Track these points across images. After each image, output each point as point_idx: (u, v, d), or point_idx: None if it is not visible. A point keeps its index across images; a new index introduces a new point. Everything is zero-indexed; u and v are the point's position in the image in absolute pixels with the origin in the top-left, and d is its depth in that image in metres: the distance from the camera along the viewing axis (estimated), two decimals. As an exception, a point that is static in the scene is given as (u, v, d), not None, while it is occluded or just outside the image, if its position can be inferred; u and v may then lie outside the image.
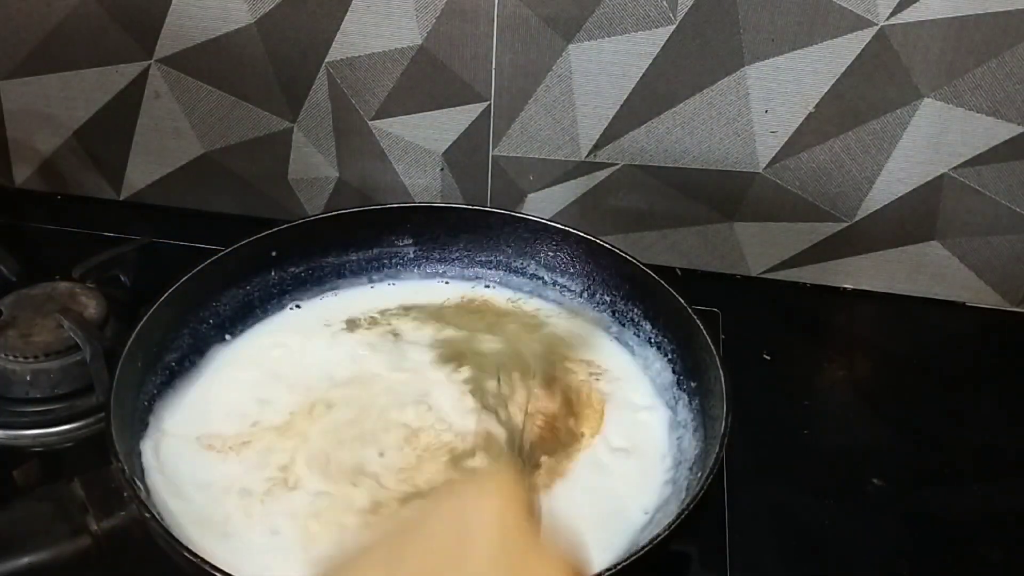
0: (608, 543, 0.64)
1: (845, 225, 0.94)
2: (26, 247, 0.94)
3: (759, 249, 0.97)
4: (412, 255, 0.86)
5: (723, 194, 0.94)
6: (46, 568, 0.58)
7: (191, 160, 1.01)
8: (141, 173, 1.03)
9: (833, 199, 0.93)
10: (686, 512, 0.59)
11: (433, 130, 0.96)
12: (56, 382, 0.79)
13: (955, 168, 0.90)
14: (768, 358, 0.90)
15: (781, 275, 0.98)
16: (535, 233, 0.84)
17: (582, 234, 0.83)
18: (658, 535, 0.58)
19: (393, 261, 0.86)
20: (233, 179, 1.02)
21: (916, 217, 0.93)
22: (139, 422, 0.69)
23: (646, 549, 0.57)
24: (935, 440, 0.83)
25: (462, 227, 0.85)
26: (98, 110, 1.00)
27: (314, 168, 1.00)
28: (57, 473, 0.68)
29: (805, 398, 0.87)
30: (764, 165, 0.92)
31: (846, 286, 0.98)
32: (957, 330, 0.96)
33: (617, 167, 0.94)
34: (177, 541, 0.55)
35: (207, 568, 0.54)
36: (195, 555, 0.55)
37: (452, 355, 0.78)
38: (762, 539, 0.74)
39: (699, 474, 0.66)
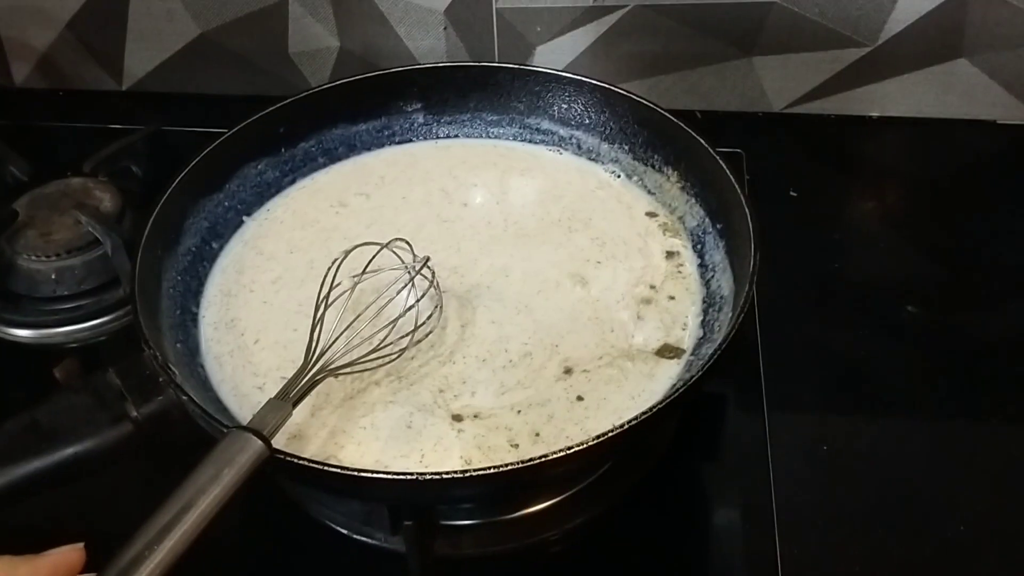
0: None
1: (868, 49, 0.91)
2: (34, 146, 0.93)
3: (780, 83, 0.94)
4: (422, 120, 0.84)
5: (739, 28, 0.91)
6: (93, 456, 0.59)
7: (188, 42, 0.99)
8: (140, 60, 1.01)
9: (854, 23, 0.89)
10: (720, 351, 0.59)
11: (433, -13, 0.92)
12: (81, 278, 0.79)
13: (982, -22, 0.85)
14: (795, 195, 0.88)
15: (804, 108, 0.96)
16: (547, 86, 0.82)
17: (596, 82, 0.80)
18: (692, 376, 0.57)
19: (403, 128, 0.84)
20: (233, 58, 0.99)
21: (942, 34, 0.89)
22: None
23: (680, 391, 0.57)
24: (969, 263, 0.82)
25: (471, 86, 0.83)
26: (87, -2, 0.97)
27: (314, 39, 0.97)
28: (93, 365, 0.69)
29: (835, 232, 0.85)
30: (780, -7, 0.88)
31: (872, 114, 0.95)
32: (989, 149, 0.93)
33: (627, 9, 0.91)
34: (215, 419, 0.56)
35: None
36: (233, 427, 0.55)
37: None
38: (798, 375, 0.74)
39: (731, 314, 0.66)
